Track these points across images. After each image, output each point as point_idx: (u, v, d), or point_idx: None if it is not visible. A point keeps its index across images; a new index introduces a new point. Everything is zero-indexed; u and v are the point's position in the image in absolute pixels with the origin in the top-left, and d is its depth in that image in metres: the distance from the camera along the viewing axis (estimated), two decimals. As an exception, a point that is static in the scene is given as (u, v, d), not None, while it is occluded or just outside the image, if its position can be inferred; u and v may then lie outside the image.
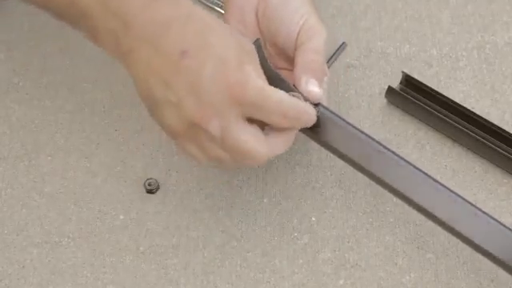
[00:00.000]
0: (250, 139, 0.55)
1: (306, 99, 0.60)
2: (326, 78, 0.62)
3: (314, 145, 0.70)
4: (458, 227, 0.57)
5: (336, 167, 0.69)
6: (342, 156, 0.61)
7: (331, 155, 0.69)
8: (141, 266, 0.65)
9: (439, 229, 0.65)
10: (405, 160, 0.60)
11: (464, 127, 0.68)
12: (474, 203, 0.58)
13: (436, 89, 0.70)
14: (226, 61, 0.54)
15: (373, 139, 0.60)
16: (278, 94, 0.55)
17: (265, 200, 0.68)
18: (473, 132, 0.68)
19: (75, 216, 0.68)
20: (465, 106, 0.69)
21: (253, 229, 0.67)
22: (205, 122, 0.54)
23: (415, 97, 0.70)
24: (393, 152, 0.60)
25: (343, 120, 0.61)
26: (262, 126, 0.57)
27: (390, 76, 0.74)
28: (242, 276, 0.64)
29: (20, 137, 0.72)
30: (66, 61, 0.76)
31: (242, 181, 0.69)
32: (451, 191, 0.58)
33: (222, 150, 0.56)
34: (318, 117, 0.60)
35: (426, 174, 0.59)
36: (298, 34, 0.62)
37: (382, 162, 0.60)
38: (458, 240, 0.61)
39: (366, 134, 0.61)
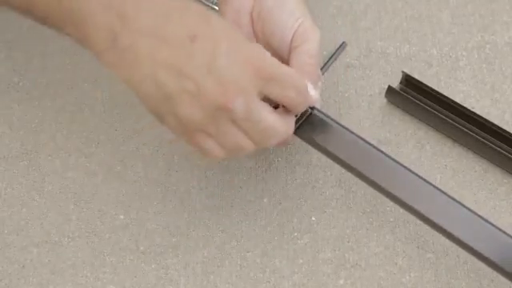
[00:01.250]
0: (272, 116, 0.53)
1: None
2: (319, 83, 0.62)
3: (313, 145, 0.70)
4: (455, 232, 0.57)
5: (336, 167, 0.69)
6: (336, 160, 0.61)
7: (331, 155, 0.69)
8: (141, 266, 0.65)
9: (439, 229, 0.65)
10: (401, 164, 0.60)
11: (464, 127, 0.68)
12: (472, 208, 0.58)
13: (436, 89, 0.70)
14: (236, 38, 0.52)
15: (369, 143, 0.60)
16: (290, 69, 0.54)
17: (265, 200, 0.68)
18: (473, 132, 0.68)
19: (75, 216, 0.68)
20: (465, 105, 0.69)
21: (253, 229, 0.67)
22: (230, 101, 0.51)
23: (415, 97, 0.70)
24: (388, 156, 0.60)
25: (338, 124, 0.61)
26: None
27: (390, 76, 0.74)
28: (242, 276, 0.64)
29: (20, 137, 0.72)
30: (66, 61, 0.76)
31: (241, 181, 0.69)
32: (449, 196, 0.58)
33: (242, 134, 0.54)
34: (314, 120, 0.61)
35: (422, 178, 0.59)
36: (293, 37, 0.62)
37: (378, 167, 0.60)
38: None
39: (362, 138, 0.61)
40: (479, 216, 0.58)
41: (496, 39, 0.75)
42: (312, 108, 0.61)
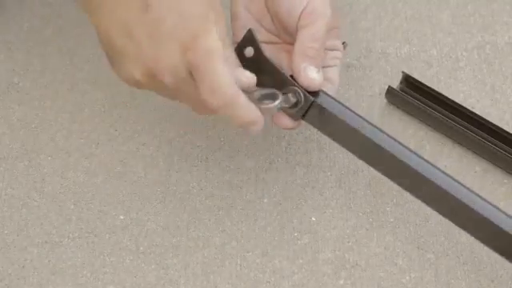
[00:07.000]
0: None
1: (305, 89, 0.59)
2: (338, 61, 0.62)
3: (313, 145, 0.70)
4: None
5: (336, 167, 0.69)
6: (343, 143, 0.60)
7: (331, 155, 0.69)
8: (141, 266, 0.65)
9: (439, 229, 0.65)
10: (409, 149, 0.59)
11: (464, 127, 0.68)
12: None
13: (436, 89, 0.70)
14: (189, 17, 0.53)
15: (376, 127, 0.59)
16: (224, 69, 0.54)
17: (265, 200, 0.68)
18: (473, 132, 0.68)
19: (75, 216, 0.68)
20: (465, 106, 0.69)
21: (253, 229, 0.67)
22: (161, 75, 0.54)
23: (415, 97, 0.70)
24: (397, 141, 0.59)
25: (346, 107, 0.60)
26: None
27: (390, 76, 0.74)
28: (242, 276, 0.64)
29: (20, 137, 0.72)
30: (66, 61, 0.76)
31: (241, 181, 0.69)
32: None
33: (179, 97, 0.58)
34: (320, 105, 0.59)
35: (427, 161, 0.59)
36: (301, 15, 0.60)
37: (385, 152, 0.59)
38: (458, 240, 0.61)
39: (369, 122, 0.59)
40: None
41: (496, 39, 0.75)
42: (315, 93, 0.59)
